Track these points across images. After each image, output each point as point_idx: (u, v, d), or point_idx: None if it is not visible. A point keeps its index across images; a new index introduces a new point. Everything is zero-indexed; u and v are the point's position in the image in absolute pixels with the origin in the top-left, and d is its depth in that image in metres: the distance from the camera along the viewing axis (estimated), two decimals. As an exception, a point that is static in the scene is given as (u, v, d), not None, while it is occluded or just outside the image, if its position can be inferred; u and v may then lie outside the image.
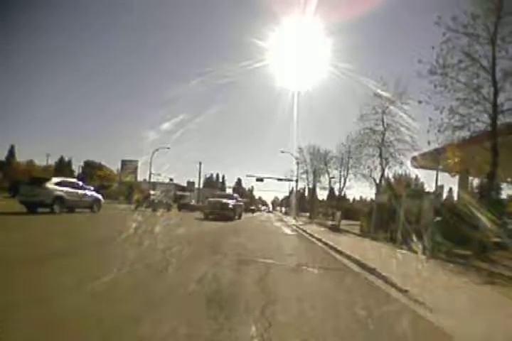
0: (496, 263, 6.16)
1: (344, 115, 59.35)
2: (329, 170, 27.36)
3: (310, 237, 10.79)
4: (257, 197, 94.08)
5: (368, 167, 18.19)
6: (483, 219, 6.66)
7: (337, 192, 28.89)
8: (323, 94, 66.31)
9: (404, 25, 44.67)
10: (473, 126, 6.97)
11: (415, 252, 6.65)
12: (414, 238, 7.27)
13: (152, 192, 23.75)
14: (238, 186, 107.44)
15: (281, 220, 25.77)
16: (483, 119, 6.83)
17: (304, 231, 13.35)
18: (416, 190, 13.70)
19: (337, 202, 28.32)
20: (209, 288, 3.09)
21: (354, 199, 66.82)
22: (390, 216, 10.14)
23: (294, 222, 23.00)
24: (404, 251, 7.11)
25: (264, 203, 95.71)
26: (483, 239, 7.10)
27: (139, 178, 39.91)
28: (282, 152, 32.62)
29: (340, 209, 20.66)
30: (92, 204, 13.30)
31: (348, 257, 6.03)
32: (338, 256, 6.49)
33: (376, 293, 3.63)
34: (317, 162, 28.35)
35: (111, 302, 2.48)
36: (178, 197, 35.05)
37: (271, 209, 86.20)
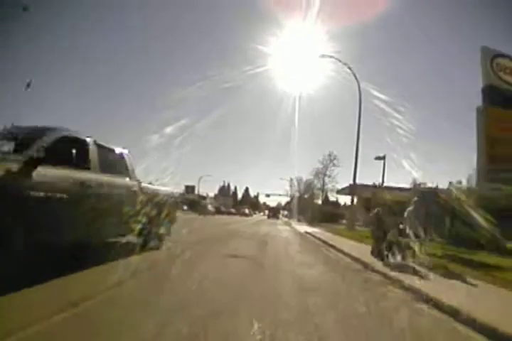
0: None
1: (344, 118, 65.65)
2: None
3: (287, 223, 32.84)
4: (261, 202, 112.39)
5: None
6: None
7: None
8: (325, 99, 69.45)
9: (406, 31, 47.71)
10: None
11: (309, 224, 28.55)
12: (313, 221, 29.45)
13: None
14: (246, 194, 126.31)
15: (280, 220, 47.91)
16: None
17: (288, 223, 35.38)
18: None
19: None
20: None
21: (345, 203, 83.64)
22: (310, 215, 32.29)
23: (287, 220, 45.33)
24: (305, 223, 29.15)
25: (267, 207, 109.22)
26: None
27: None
28: (281, 179, 54.60)
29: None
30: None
31: (288, 224, 28.09)
32: (287, 224, 28.46)
33: (274, 223, 25.89)
34: (301, 186, 50.37)
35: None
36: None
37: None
